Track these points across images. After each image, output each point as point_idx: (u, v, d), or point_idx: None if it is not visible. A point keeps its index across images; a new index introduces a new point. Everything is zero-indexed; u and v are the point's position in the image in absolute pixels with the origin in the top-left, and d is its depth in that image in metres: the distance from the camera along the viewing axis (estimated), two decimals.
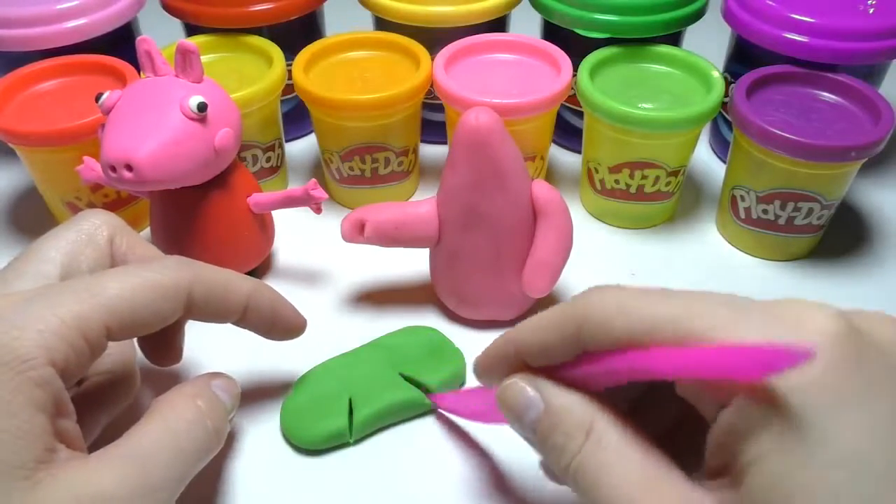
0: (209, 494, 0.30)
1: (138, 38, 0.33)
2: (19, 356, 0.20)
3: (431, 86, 0.41)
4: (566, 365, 0.21)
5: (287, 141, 0.50)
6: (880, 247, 0.43)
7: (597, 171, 0.42)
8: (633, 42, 0.43)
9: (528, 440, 0.22)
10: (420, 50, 0.43)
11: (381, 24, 0.47)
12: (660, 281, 0.39)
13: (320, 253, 0.42)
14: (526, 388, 0.21)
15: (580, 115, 0.45)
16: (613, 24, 0.43)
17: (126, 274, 0.23)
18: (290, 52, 0.43)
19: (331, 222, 0.41)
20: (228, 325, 0.29)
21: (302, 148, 0.51)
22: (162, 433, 0.23)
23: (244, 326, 0.28)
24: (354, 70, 0.43)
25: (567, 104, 0.48)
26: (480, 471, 0.31)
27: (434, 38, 0.44)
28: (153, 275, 0.24)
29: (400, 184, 0.44)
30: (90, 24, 0.42)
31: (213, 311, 0.26)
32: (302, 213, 0.39)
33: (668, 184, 0.41)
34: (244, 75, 0.42)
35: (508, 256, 0.34)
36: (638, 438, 0.19)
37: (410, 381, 0.32)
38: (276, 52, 0.43)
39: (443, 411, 0.32)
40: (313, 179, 0.35)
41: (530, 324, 0.22)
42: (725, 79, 0.42)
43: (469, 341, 0.34)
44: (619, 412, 0.20)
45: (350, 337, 0.35)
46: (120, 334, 0.22)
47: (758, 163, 0.38)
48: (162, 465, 0.22)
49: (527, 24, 0.48)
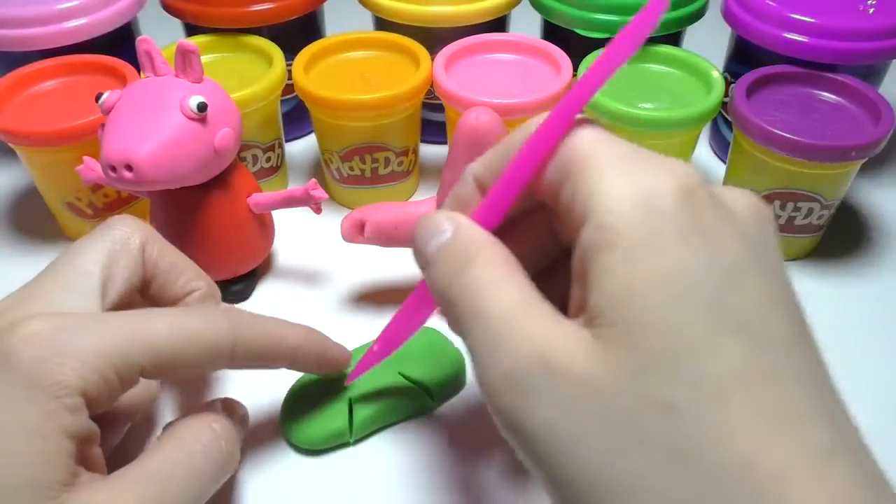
0: None
1: (138, 38, 0.32)
2: (58, 382, 0.20)
3: (431, 86, 0.41)
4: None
5: (287, 141, 0.50)
6: (880, 247, 0.43)
7: None
8: None
9: (421, 268, 0.22)
10: (420, 50, 0.43)
11: (381, 24, 0.47)
12: None
13: (320, 253, 0.42)
14: (442, 217, 0.22)
15: None
16: (613, 24, 0.43)
17: (175, 321, 0.24)
18: (290, 52, 0.43)
19: (331, 222, 0.41)
20: None
21: (302, 148, 0.51)
22: (179, 455, 0.23)
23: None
24: (354, 70, 0.43)
25: None
26: (480, 470, 0.31)
27: (434, 38, 0.44)
28: (202, 328, 0.24)
29: (400, 184, 0.44)
30: (90, 24, 0.42)
31: (254, 366, 0.27)
32: (302, 213, 0.39)
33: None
34: (244, 75, 0.42)
35: None
36: (523, 274, 0.20)
37: (410, 380, 0.32)
38: (276, 52, 0.43)
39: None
40: (313, 179, 0.35)
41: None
42: (725, 79, 0.42)
43: None
44: (510, 253, 0.21)
45: (350, 337, 0.35)
46: (152, 376, 0.23)
47: (758, 163, 0.38)
48: (179, 486, 0.23)
49: (527, 24, 0.48)
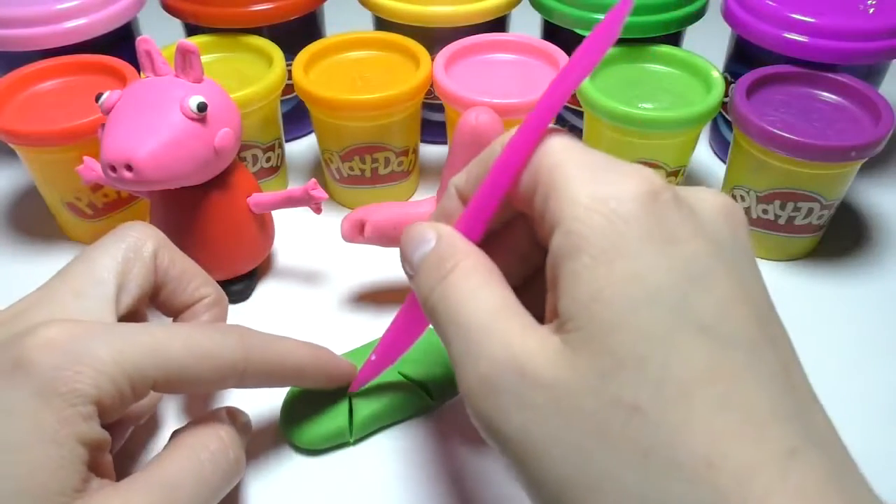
0: None
1: (138, 38, 0.32)
2: (75, 390, 0.21)
3: (431, 86, 0.41)
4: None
5: (287, 141, 0.50)
6: (880, 247, 0.43)
7: None
8: (633, 42, 0.43)
9: (409, 277, 0.23)
10: (420, 50, 0.43)
11: (381, 24, 0.47)
12: None
13: (320, 253, 0.42)
14: (426, 227, 0.22)
15: (580, 115, 0.45)
16: None
17: (191, 340, 0.24)
18: (290, 52, 0.43)
19: (331, 222, 0.41)
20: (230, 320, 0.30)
21: (302, 148, 0.51)
22: (187, 463, 0.24)
23: None
24: (354, 70, 0.43)
25: (567, 104, 0.48)
26: (480, 470, 0.31)
27: (434, 38, 0.44)
28: (216, 348, 0.24)
29: (400, 184, 0.44)
30: (90, 24, 0.42)
31: (261, 385, 0.27)
32: (302, 213, 0.39)
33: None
34: (244, 75, 0.42)
35: None
36: (503, 283, 0.21)
37: (410, 380, 0.32)
38: (276, 52, 0.43)
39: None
40: (313, 179, 0.35)
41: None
42: (725, 79, 0.42)
43: None
44: (492, 262, 0.21)
45: (350, 337, 0.35)
46: (162, 390, 0.23)
47: (758, 163, 0.38)
48: (188, 494, 0.23)
49: (527, 24, 0.48)
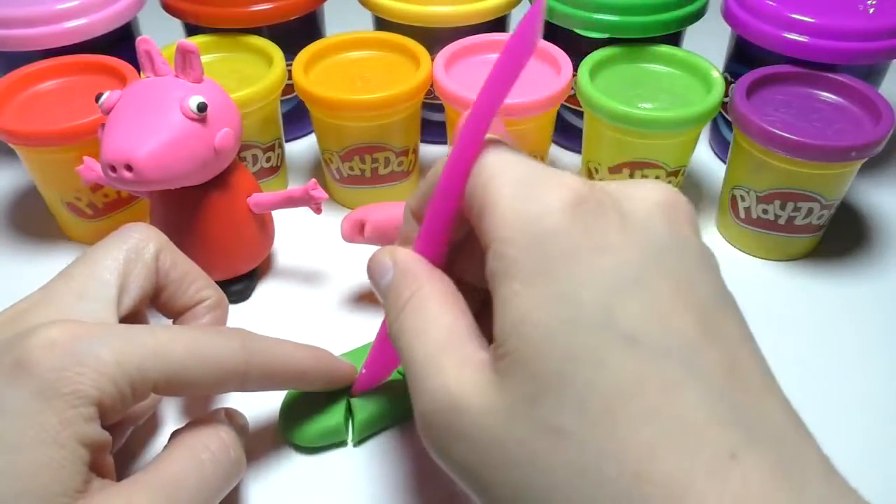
0: None
1: (138, 38, 0.32)
2: (76, 391, 0.21)
3: (431, 86, 0.41)
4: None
5: (287, 141, 0.50)
6: (880, 247, 0.43)
7: (597, 171, 0.42)
8: (633, 42, 0.43)
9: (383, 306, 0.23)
10: (420, 50, 0.43)
11: (381, 24, 0.47)
12: None
13: (320, 253, 0.42)
14: (385, 255, 0.23)
15: (580, 115, 0.45)
16: (613, 24, 0.43)
17: (193, 343, 0.24)
18: (290, 52, 0.43)
19: (331, 222, 0.41)
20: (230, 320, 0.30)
21: (302, 148, 0.51)
22: (188, 462, 0.24)
23: None
24: (354, 70, 0.43)
25: (567, 104, 0.48)
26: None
27: (434, 38, 0.44)
28: (218, 353, 0.24)
29: (400, 184, 0.44)
30: (90, 24, 0.42)
31: (262, 390, 0.27)
32: (302, 213, 0.39)
33: (668, 184, 0.41)
34: (244, 75, 0.42)
35: None
36: (456, 308, 0.21)
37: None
38: (276, 52, 0.43)
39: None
40: (313, 179, 0.35)
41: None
42: (725, 79, 0.42)
43: None
44: (449, 283, 0.22)
45: (350, 337, 0.35)
46: (162, 392, 0.23)
47: (758, 163, 0.38)
48: (189, 494, 0.23)
49: None
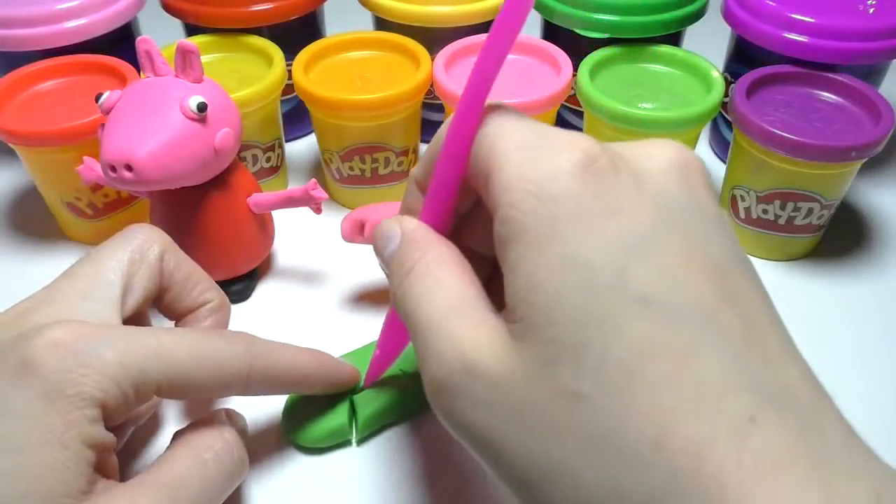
0: None
1: (138, 38, 0.32)
2: (81, 393, 0.21)
3: (431, 86, 0.41)
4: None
5: (287, 141, 0.50)
6: (880, 247, 0.43)
7: None
8: (633, 42, 0.43)
9: (386, 276, 0.23)
10: (420, 50, 0.43)
11: (381, 24, 0.47)
12: None
13: (320, 253, 0.42)
14: (392, 223, 0.23)
15: (580, 115, 0.45)
16: (613, 24, 0.43)
17: (197, 347, 0.24)
18: (290, 52, 0.43)
19: (331, 222, 0.41)
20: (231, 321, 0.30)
21: (302, 148, 0.51)
22: (191, 463, 0.24)
23: None
24: (354, 70, 0.43)
25: (567, 104, 0.48)
26: (484, 469, 0.31)
27: (434, 38, 0.44)
28: (222, 357, 0.24)
29: (400, 184, 0.44)
30: (90, 24, 0.42)
31: (264, 394, 0.27)
32: (302, 213, 0.39)
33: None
34: (244, 75, 0.42)
35: None
36: (464, 274, 0.20)
37: (412, 377, 0.32)
38: (276, 52, 0.43)
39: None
40: (313, 179, 0.35)
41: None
42: (725, 79, 0.42)
43: None
44: (456, 251, 0.21)
45: (350, 337, 0.35)
46: (165, 395, 0.23)
47: (758, 163, 0.38)
48: (192, 494, 0.23)
49: (527, 24, 0.48)
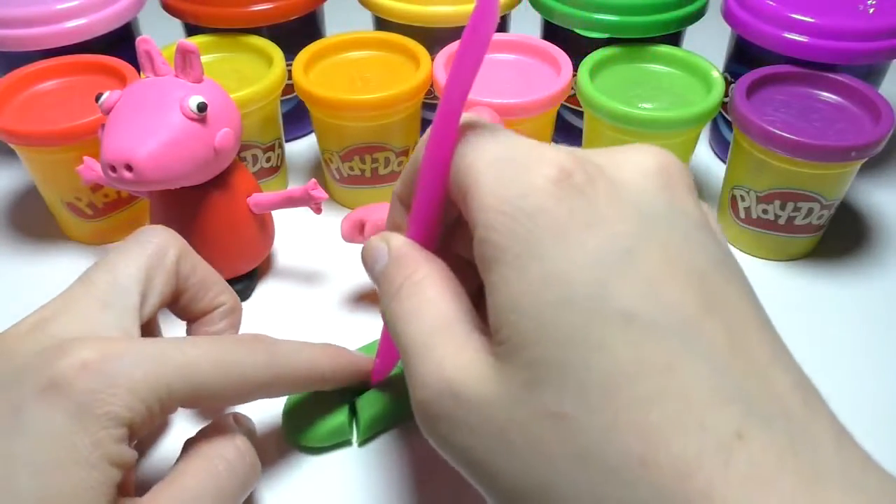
0: None
1: (138, 38, 0.32)
2: (108, 412, 0.21)
3: (431, 86, 0.41)
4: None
5: (287, 141, 0.50)
6: (880, 247, 0.43)
7: None
8: (633, 42, 0.43)
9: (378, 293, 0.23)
10: (420, 50, 0.43)
11: (381, 24, 0.47)
12: None
13: (320, 253, 0.42)
14: (379, 241, 0.23)
15: (580, 115, 0.45)
16: (613, 24, 0.43)
17: (221, 359, 0.24)
18: (290, 52, 0.43)
19: (331, 222, 0.41)
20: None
21: (302, 148, 0.51)
22: (205, 474, 0.24)
23: None
24: (354, 70, 0.43)
25: (567, 104, 0.48)
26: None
27: (434, 38, 0.44)
28: (245, 367, 0.24)
29: None
30: (90, 24, 0.42)
31: (283, 395, 0.27)
32: (302, 213, 0.39)
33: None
34: (244, 75, 0.42)
35: None
36: (452, 292, 0.20)
37: None
38: (276, 52, 0.43)
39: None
40: (313, 179, 0.35)
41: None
42: (725, 79, 0.42)
43: None
44: (445, 268, 0.21)
45: (350, 337, 0.35)
46: (188, 406, 0.23)
47: (758, 163, 0.38)
48: None
49: (527, 24, 0.48)
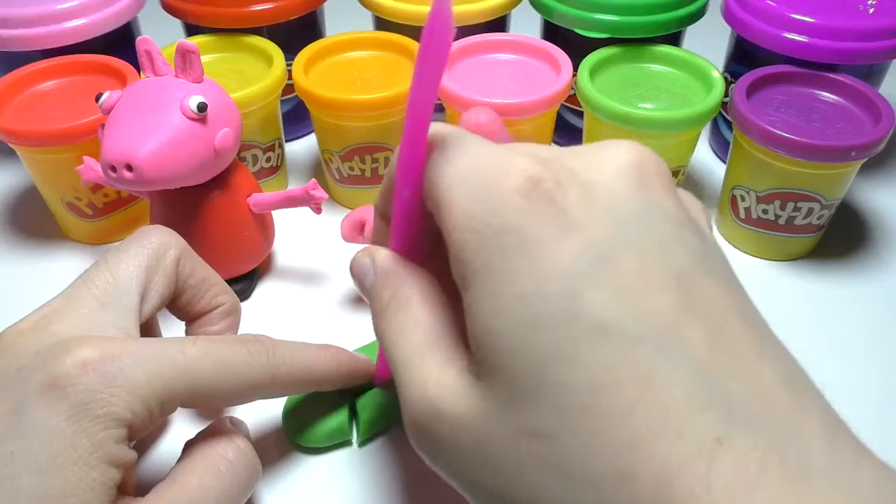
0: None
1: (138, 38, 0.32)
2: (109, 413, 0.21)
3: None
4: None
5: (287, 141, 0.50)
6: (880, 247, 0.43)
7: None
8: (633, 42, 0.43)
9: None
10: None
11: (381, 24, 0.47)
12: None
13: (320, 253, 0.42)
14: (365, 257, 0.23)
15: (580, 115, 0.45)
16: (613, 24, 0.43)
17: (222, 360, 0.24)
18: (290, 52, 0.43)
19: (331, 222, 0.41)
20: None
21: (302, 148, 0.51)
22: (206, 475, 0.24)
23: None
24: (354, 70, 0.43)
25: (567, 104, 0.48)
26: None
27: None
28: (245, 368, 0.24)
29: None
30: (90, 24, 0.42)
31: (285, 395, 0.27)
32: (302, 213, 0.39)
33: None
34: (244, 75, 0.42)
35: None
36: (437, 307, 0.21)
37: None
38: (276, 52, 0.43)
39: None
40: (313, 179, 0.35)
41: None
42: (725, 79, 0.42)
43: None
44: (430, 280, 0.21)
45: (350, 337, 0.35)
46: (188, 406, 0.23)
47: (758, 163, 0.38)
48: None
49: (527, 24, 0.48)
